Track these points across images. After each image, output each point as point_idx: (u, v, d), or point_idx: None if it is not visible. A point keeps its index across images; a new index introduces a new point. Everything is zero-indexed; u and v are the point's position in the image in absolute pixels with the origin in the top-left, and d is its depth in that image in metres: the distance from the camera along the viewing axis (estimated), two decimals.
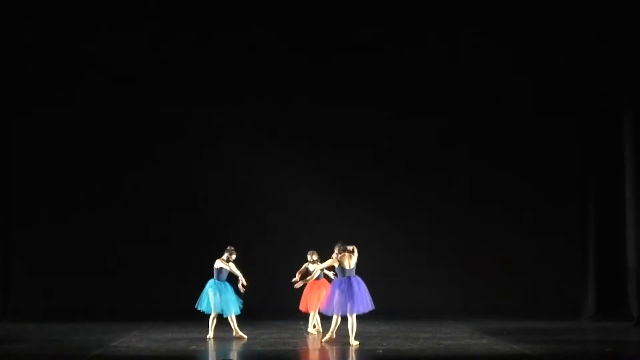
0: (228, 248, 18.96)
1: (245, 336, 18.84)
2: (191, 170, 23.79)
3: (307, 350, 17.74)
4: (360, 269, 18.26)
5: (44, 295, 23.34)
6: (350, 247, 17.88)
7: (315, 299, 19.29)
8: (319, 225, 23.03)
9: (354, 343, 17.66)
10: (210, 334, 18.80)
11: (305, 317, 20.07)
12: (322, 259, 18.77)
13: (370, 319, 20.71)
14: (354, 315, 17.71)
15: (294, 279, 19.19)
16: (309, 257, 19.43)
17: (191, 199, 23.77)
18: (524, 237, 23.66)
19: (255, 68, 23.59)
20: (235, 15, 23.44)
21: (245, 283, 18.74)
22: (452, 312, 22.59)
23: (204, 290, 18.91)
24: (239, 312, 18.88)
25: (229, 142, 23.68)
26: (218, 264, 18.88)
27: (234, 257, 18.88)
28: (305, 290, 19.57)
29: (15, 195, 23.47)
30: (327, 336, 18.14)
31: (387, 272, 23.19)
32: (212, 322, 18.85)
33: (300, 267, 19.38)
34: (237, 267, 18.86)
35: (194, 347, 17.55)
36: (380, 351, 16.97)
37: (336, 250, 17.86)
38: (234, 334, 18.89)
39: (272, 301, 19.77)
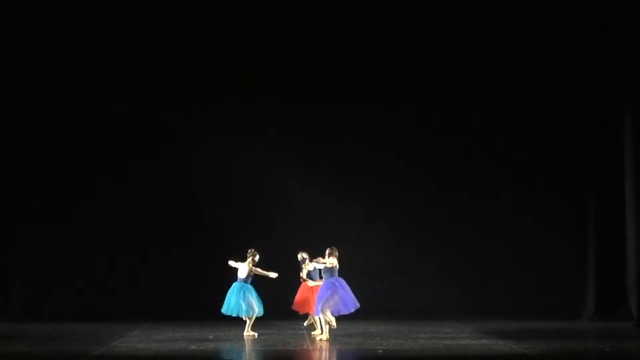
0: (250, 250, 18.99)
1: (255, 334, 18.99)
2: (190, 172, 23.79)
3: (307, 350, 17.73)
4: (360, 269, 18.22)
5: (43, 296, 23.34)
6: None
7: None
8: (318, 226, 23.03)
9: (326, 338, 18.09)
10: (250, 332, 19.03)
11: (302, 317, 20.09)
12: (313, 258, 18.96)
13: (370, 319, 20.74)
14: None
15: (312, 283, 19.24)
16: (300, 257, 19.46)
17: (191, 200, 23.76)
18: (524, 237, 23.65)
19: (253, 67, 23.58)
20: (234, 15, 23.43)
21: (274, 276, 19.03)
22: (452, 312, 22.58)
23: (231, 294, 18.98)
24: (261, 313, 19.04)
25: (227, 143, 23.70)
26: (245, 270, 18.91)
27: (257, 257, 18.95)
28: (305, 292, 19.52)
29: (15, 196, 23.44)
30: (324, 337, 18.29)
31: (387, 272, 23.21)
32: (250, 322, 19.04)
33: (301, 270, 19.41)
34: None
35: (194, 347, 17.53)
36: (380, 351, 16.96)
37: (336, 254, 18.09)
38: (246, 332, 18.98)
39: (272, 301, 19.74)
